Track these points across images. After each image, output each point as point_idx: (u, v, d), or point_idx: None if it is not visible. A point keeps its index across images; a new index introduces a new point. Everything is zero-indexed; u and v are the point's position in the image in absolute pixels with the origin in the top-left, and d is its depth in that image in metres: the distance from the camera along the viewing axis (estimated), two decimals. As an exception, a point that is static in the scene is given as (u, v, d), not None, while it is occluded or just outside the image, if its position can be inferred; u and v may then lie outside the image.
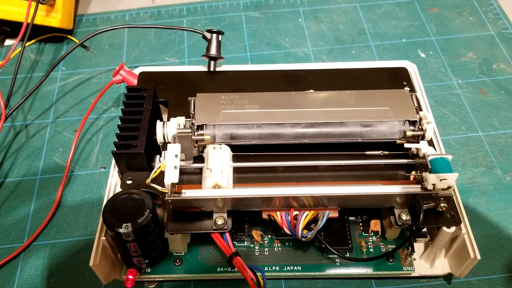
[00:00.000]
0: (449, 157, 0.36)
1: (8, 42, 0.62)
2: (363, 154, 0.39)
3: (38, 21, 0.58)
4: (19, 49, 0.55)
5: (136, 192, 0.36)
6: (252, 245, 0.40)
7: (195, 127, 0.38)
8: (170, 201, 0.34)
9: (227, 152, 0.38)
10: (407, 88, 0.43)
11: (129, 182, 0.37)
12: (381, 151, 0.39)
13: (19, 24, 0.55)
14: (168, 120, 0.40)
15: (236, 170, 0.38)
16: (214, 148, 0.37)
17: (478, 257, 0.36)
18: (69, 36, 0.62)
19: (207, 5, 0.66)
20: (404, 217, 0.36)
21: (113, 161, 0.40)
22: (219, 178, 0.36)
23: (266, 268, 0.39)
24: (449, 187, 0.34)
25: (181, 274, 0.39)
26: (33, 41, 0.61)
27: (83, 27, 0.64)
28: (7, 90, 0.51)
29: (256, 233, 0.40)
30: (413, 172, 0.37)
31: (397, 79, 0.45)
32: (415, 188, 0.35)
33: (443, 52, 0.59)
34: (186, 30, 0.59)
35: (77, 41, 0.60)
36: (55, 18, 0.59)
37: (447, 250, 0.39)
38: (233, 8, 0.65)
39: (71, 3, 0.61)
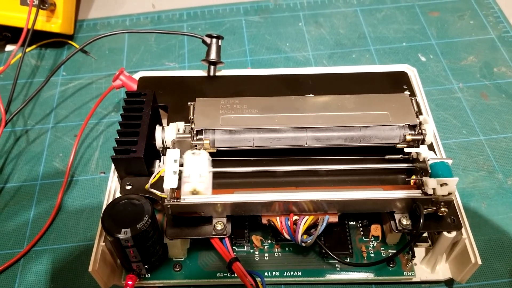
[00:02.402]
0: (449, 161, 0.36)
1: (8, 47, 0.62)
2: (362, 158, 0.39)
3: (39, 26, 0.58)
4: (19, 55, 0.55)
5: (136, 197, 0.36)
6: (252, 250, 0.40)
7: (194, 132, 0.38)
8: (169, 206, 0.34)
9: (205, 157, 0.37)
10: (407, 92, 0.43)
11: (129, 187, 0.37)
12: (379, 155, 0.39)
13: (20, 29, 0.55)
14: (168, 125, 0.40)
15: (236, 175, 0.38)
16: (192, 153, 0.37)
17: (479, 262, 0.36)
18: (69, 41, 0.62)
19: (207, 10, 0.66)
20: (404, 221, 0.36)
21: (113, 166, 0.40)
22: (197, 184, 0.35)
23: (266, 274, 0.39)
24: (449, 193, 0.34)
25: (180, 279, 0.39)
26: (33, 46, 0.61)
27: (83, 32, 0.64)
28: (7, 96, 0.51)
29: (256, 238, 0.40)
30: (413, 177, 0.37)
31: (397, 83, 0.45)
32: (415, 193, 0.35)
33: (443, 56, 0.59)
34: (186, 35, 0.59)
35: (77, 46, 0.61)
36: (56, 24, 0.59)
37: (448, 255, 0.39)
38: (233, 13, 0.65)
39: (71, 9, 0.61)
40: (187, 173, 0.35)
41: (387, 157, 0.39)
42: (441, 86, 0.55)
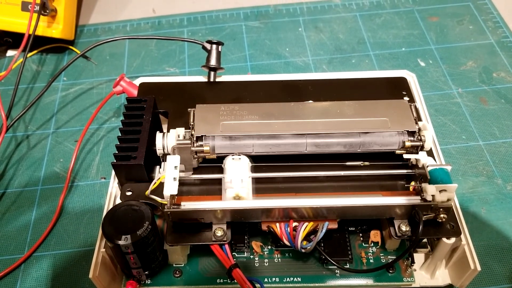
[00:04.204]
0: (448, 167, 0.36)
1: (10, 53, 0.62)
2: (344, 165, 0.39)
3: (40, 32, 0.59)
4: (20, 60, 0.56)
5: (136, 203, 0.36)
6: (252, 256, 0.40)
7: (195, 138, 0.38)
8: (169, 213, 0.35)
9: (246, 162, 0.38)
10: (406, 98, 0.43)
11: (129, 193, 0.37)
12: (361, 162, 0.39)
13: (21, 35, 0.55)
14: (168, 131, 0.40)
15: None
16: (233, 159, 0.38)
17: (479, 268, 0.36)
18: (70, 47, 0.62)
19: (207, 15, 0.66)
20: (403, 228, 0.36)
21: (113, 171, 0.40)
22: (239, 189, 0.36)
23: (265, 279, 0.39)
24: (448, 200, 0.34)
25: (180, 285, 0.39)
26: (34, 51, 0.62)
27: (84, 38, 0.64)
28: (8, 101, 0.51)
29: (255, 244, 0.40)
30: (413, 183, 0.37)
31: (396, 89, 0.45)
32: (415, 199, 0.35)
33: (443, 61, 0.59)
34: (186, 41, 0.59)
35: (78, 52, 0.61)
36: (57, 29, 0.59)
37: (447, 261, 0.39)
38: (234, 18, 0.66)
39: (72, 14, 0.61)
40: (229, 179, 0.36)
41: (367, 163, 0.39)
42: (440, 91, 0.56)
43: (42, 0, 0.56)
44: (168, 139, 0.39)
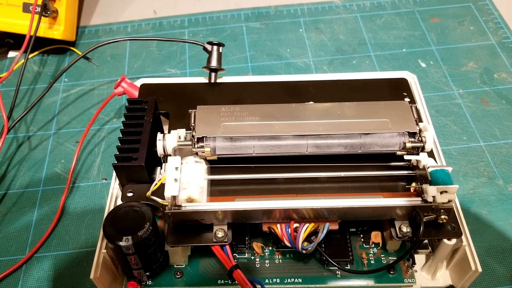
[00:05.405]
0: (449, 169, 0.36)
1: (11, 54, 0.63)
2: (362, 165, 0.39)
3: (41, 33, 0.59)
4: (22, 61, 0.56)
5: (137, 204, 0.36)
6: (252, 257, 0.40)
7: (195, 140, 0.38)
8: (170, 214, 0.35)
9: (201, 165, 0.37)
10: (407, 99, 0.43)
11: (130, 194, 0.38)
12: (379, 163, 0.39)
13: (22, 36, 0.55)
14: (169, 132, 0.40)
15: (237, 182, 0.38)
16: (187, 162, 0.37)
17: (480, 269, 0.36)
18: (71, 48, 0.62)
19: (208, 16, 0.66)
20: (404, 229, 0.36)
21: (114, 172, 0.40)
22: (191, 191, 0.36)
23: (266, 280, 0.39)
24: (449, 201, 0.34)
25: (181, 286, 0.39)
26: (36, 52, 0.62)
27: (85, 39, 0.64)
28: (10, 102, 0.51)
29: (256, 245, 0.40)
30: (413, 184, 0.37)
31: (397, 90, 0.45)
32: (415, 201, 0.35)
33: (443, 62, 0.59)
34: (187, 42, 0.59)
35: (79, 53, 0.61)
36: (58, 30, 0.59)
37: (448, 262, 0.39)
38: (234, 19, 0.66)
39: (73, 15, 0.62)
40: (182, 180, 0.36)
41: (388, 164, 0.39)
42: (441, 92, 0.56)
43: (43, 1, 0.56)
44: (169, 140, 0.39)
